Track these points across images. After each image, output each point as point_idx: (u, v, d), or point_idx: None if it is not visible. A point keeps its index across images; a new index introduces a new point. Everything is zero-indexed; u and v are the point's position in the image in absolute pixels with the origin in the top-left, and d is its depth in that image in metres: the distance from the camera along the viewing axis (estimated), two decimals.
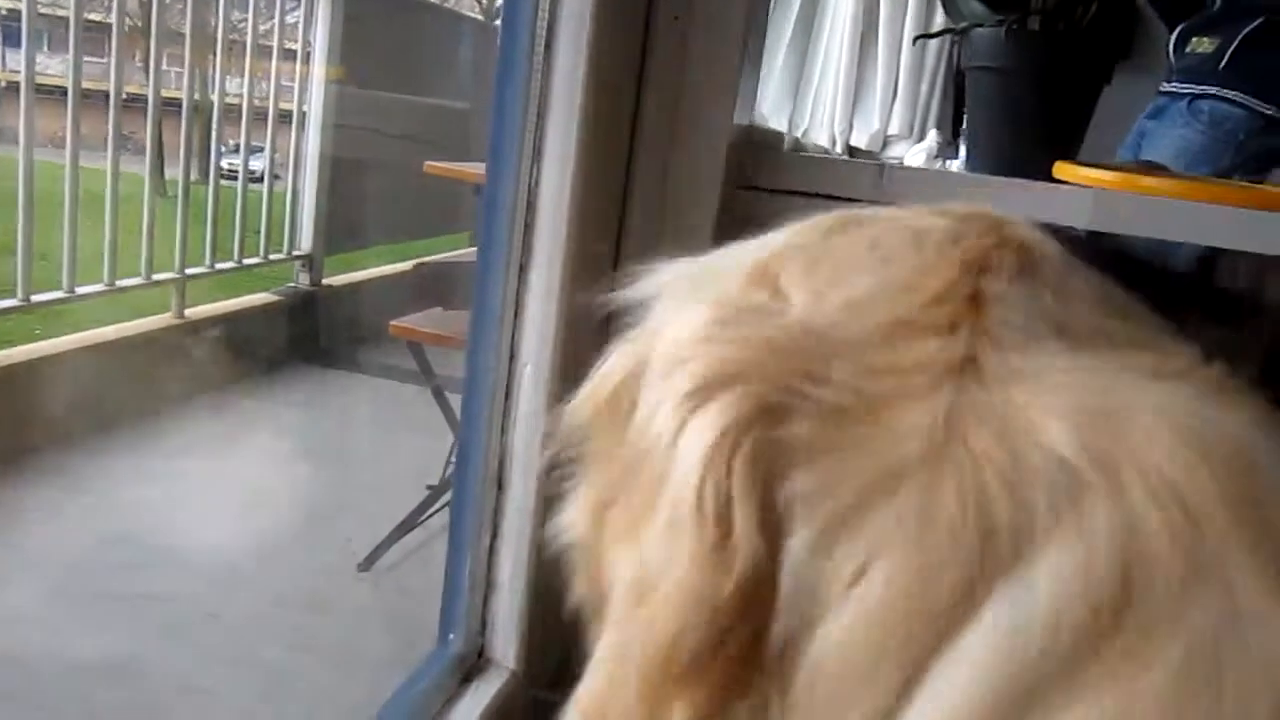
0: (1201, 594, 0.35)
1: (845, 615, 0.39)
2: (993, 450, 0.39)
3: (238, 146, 4.10)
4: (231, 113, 3.94)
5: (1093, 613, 0.35)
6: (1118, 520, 0.36)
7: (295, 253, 4.25)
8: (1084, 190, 1.12)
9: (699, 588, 0.42)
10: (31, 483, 2.85)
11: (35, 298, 3.06)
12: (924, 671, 0.37)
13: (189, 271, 3.64)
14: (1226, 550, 0.36)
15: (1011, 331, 0.45)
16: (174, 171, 4.04)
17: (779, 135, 1.34)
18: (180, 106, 3.62)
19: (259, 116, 4.11)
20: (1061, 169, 1.27)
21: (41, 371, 3.16)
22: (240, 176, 3.99)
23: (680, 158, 1.12)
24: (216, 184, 3.83)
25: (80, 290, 3.20)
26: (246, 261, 3.99)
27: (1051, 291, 0.48)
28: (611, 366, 0.51)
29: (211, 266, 3.79)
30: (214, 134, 3.89)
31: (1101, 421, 0.39)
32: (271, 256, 4.15)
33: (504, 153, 1.09)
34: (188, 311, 3.68)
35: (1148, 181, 1.16)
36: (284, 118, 4.27)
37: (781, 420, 0.42)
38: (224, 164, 4.08)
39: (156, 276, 3.50)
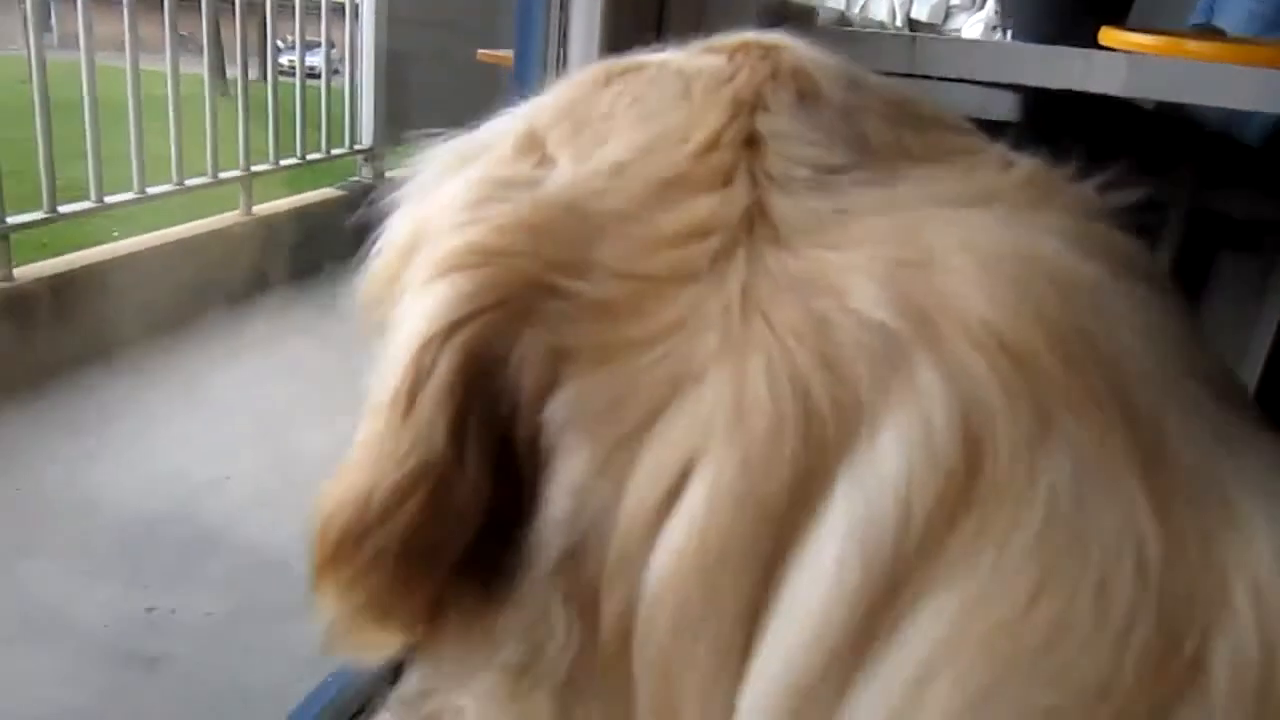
0: (1047, 451, 0.32)
1: (669, 541, 0.35)
2: (800, 324, 0.35)
3: (294, 43, 4.11)
4: (286, 8, 3.95)
5: (942, 487, 0.32)
6: (948, 382, 0.33)
7: (356, 147, 4.29)
8: (1117, 56, 1.10)
9: (371, 474, 0.39)
10: (120, 376, 2.97)
11: (109, 199, 3.15)
12: (774, 586, 0.33)
13: (254, 169, 3.71)
14: (1063, 398, 0.33)
15: (798, 169, 0.41)
16: (233, 71, 4.08)
17: (811, 10, 1.32)
18: (235, 4, 3.65)
19: (313, 10, 4.11)
20: (1107, 35, 1.24)
21: (122, 270, 3.27)
22: (298, 72, 4.01)
23: (706, 35, 1.11)
24: (275, 81, 3.86)
25: (151, 191, 3.29)
26: (310, 157, 4.04)
27: (840, 114, 0.44)
28: (385, 243, 0.47)
29: (276, 163, 3.86)
30: (269, 30, 3.91)
31: (912, 272, 0.36)
32: (334, 151, 4.19)
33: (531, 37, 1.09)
34: (255, 208, 3.76)
35: (1191, 46, 1.13)
36: (338, 10, 4.27)
37: (533, 318, 0.38)
38: (282, 60, 4.11)
39: (223, 175, 3.57)
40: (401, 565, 0.38)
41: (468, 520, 0.38)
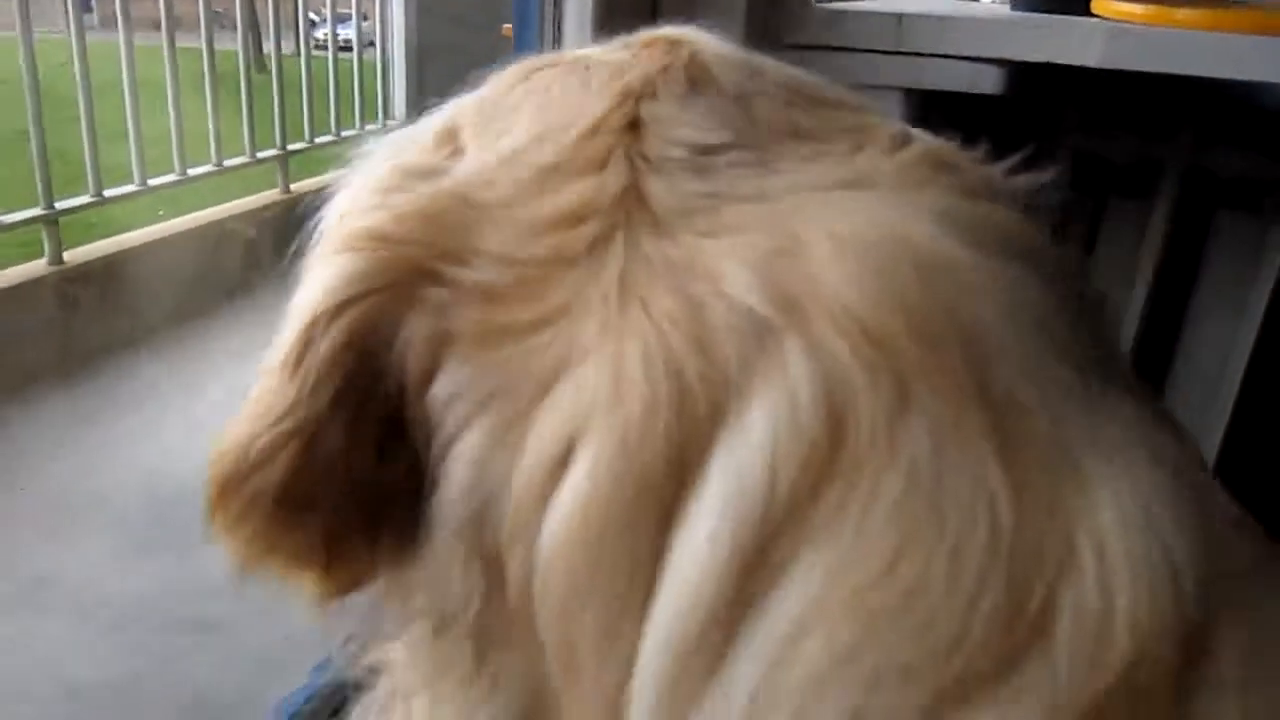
0: (906, 426, 0.34)
1: (557, 513, 0.37)
2: (675, 310, 0.37)
3: (327, 18, 4.16)
4: None
5: (806, 458, 0.34)
6: (813, 363, 0.35)
7: (389, 121, 4.34)
8: (1096, 26, 1.11)
9: (254, 427, 0.42)
10: (167, 352, 3.06)
11: (152, 182, 3.22)
12: (658, 554, 0.36)
13: (290, 147, 3.77)
14: (922, 377, 0.35)
15: (673, 150, 0.42)
16: (268, 46, 4.12)
17: None
18: None
19: None
20: (1100, 4, 1.24)
21: (167, 250, 3.37)
22: (330, 46, 4.06)
23: (700, 15, 1.14)
24: (309, 56, 3.90)
25: (192, 172, 3.36)
26: (344, 133, 4.10)
27: (732, 100, 0.45)
28: (321, 224, 0.48)
29: (311, 141, 3.92)
30: (302, 3, 3.96)
31: (781, 259, 0.37)
32: (367, 127, 4.24)
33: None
34: (293, 186, 3.83)
35: (1180, 15, 1.13)
36: None
37: (417, 304, 0.40)
38: (316, 34, 4.15)
39: (260, 154, 3.64)
40: (277, 509, 0.41)
41: (339, 476, 0.41)
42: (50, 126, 2.82)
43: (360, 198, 0.45)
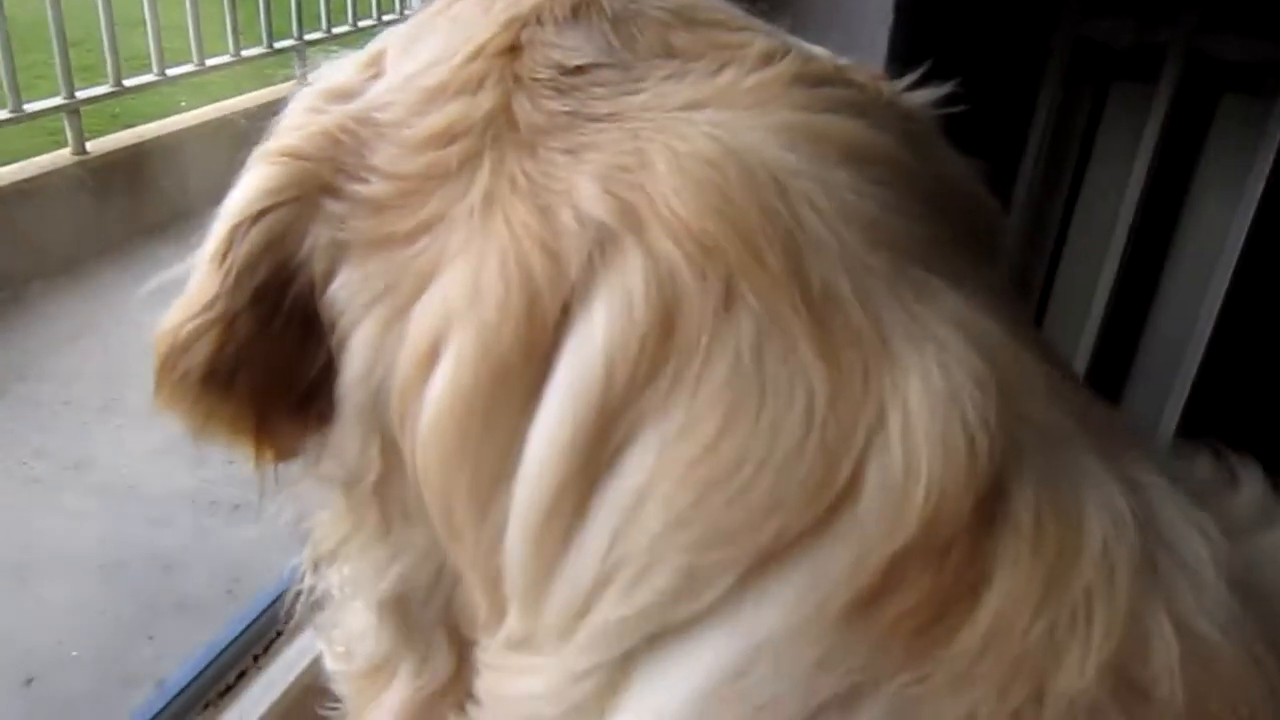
0: (732, 314, 0.39)
1: (430, 397, 0.42)
2: (529, 220, 0.42)
3: None
4: None
5: (639, 348, 0.39)
6: (648, 265, 0.40)
7: (406, 13, 4.26)
8: None
9: (185, 312, 0.48)
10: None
11: (170, 71, 3.22)
12: (519, 430, 0.41)
13: (308, 36, 3.75)
14: (745, 275, 0.39)
15: (547, 72, 0.46)
16: None
17: None
18: None
19: None
20: None
21: (190, 141, 3.38)
22: None
23: None
24: None
25: (210, 62, 3.35)
26: (361, 24, 4.05)
27: (612, 23, 0.48)
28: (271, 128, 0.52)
29: (329, 31, 3.88)
30: None
31: (626, 174, 0.42)
32: (385, 17, 4.18)
33: None
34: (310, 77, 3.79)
35: None
36: None
37: (319, 215, 0.46)
38: None
39: (278, 44, 3.61)
40: (203, 386, 0.48)
41: (256, 358, 0.48)
42: (69, 14, 2.82)
43: (294, 114, 0.51)
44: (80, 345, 2.64)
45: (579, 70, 0.47)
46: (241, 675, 0.90)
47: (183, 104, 3.62)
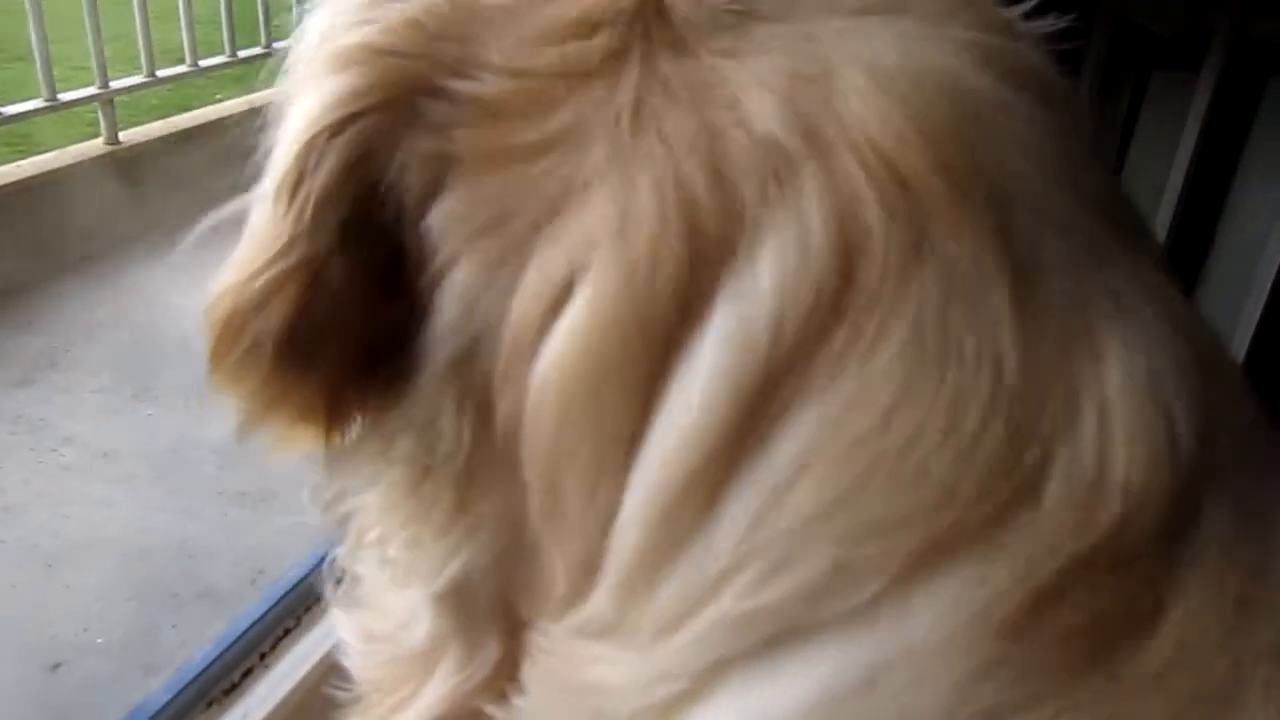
0: (920, 267, 0.33)
1: (553, 348, 0.35)
2: (691, 137, 0.34)
3: None
4: None
5: (814, 301, 0.33)
6: (831, 200, 0.33)
7: None
8: None
9: (251, 265, 0.39)
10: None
11: (202, 63, 3.21)
12: (656, 389, 0.35)
13: None
14: (942, 221, 0.33)
15: None
16: None
17: None
18: None
19: None
20: None
21: (223, 131, 3.39)
22: None
23: None
24: None
25: (241, 54, 3.35)
26: None
27: None
28: (298, 45, 0.43)
29: None
30: None
31: (807, 86, 0.35)
32: None
33: None
34: None
35: None
36: None
37: (418, 120, 0.36)
38: None
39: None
40: (282, 354, 0.39)
41: (348, 316, 0.38)
42: (104, 6, 2.83)
43: (342, 15, 0.40)
44: (111, 334, 2.64)
45: None
46: (248, 673, 0.89)
47: (218, 96, 3.62)
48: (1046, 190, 0.35)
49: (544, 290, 0.35)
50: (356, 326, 0.39)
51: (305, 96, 0.38)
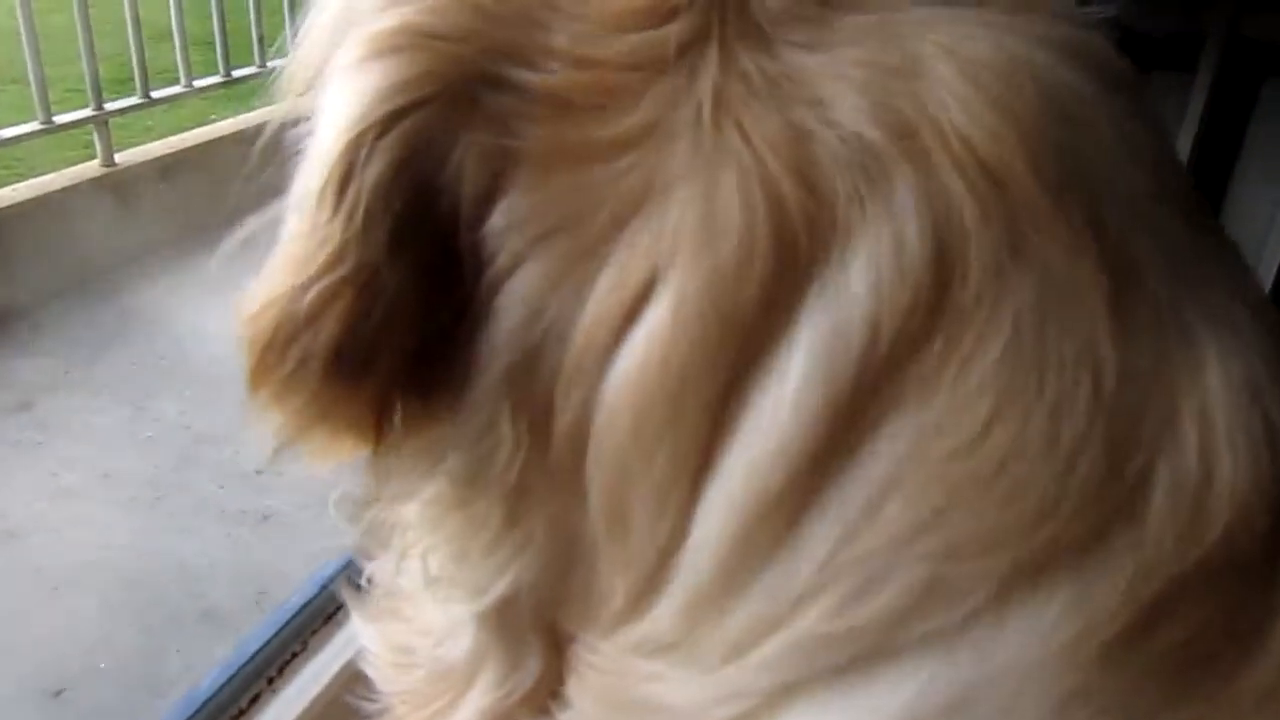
0: (1017, 271, 0.32)
1: (629, 356, 0.33)
2: (776, 136, 0.32)
3: None
4: None
5: (909, 307, 0.31)
6: (925, 200, 0.32)
7: None
8: None
9: (296, 275, 0.36)
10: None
11: (197, 83, 3.21)
12: (738, 402, 0.33)
13: None
14: (1038, 222, 0.32)
15: None
16: None
17: None
18: None
19: None
20: None
21: (220, 151, 3.39)
22: None
23: None
24: None
25: (236, 74, 3.34)
26: None
27: None
28: (312, 23, 0.40)
29: None
30: None
31: (895, 81, 0.33)
32: None
33: None
34: None
35: None
36: None
37: (475, 114, 0.34)
38: None
39: None
40: (332, 369, 0.36)
41: (402, 326, 0.36)
42: (98, 28, 2.83)
43: None
44: (109, 356, 2.63)
45: None
46: (255, 699, 0.88)
47: (212, 117, 3.63)
48: (1135, 190, 0.34)
49: (621, 295, 0.33)
50: (409, 335, 0.36)
51: (343, 87, 0.35)
